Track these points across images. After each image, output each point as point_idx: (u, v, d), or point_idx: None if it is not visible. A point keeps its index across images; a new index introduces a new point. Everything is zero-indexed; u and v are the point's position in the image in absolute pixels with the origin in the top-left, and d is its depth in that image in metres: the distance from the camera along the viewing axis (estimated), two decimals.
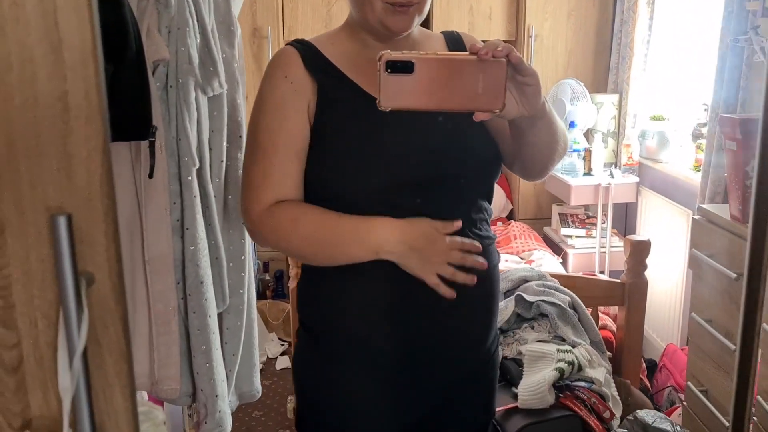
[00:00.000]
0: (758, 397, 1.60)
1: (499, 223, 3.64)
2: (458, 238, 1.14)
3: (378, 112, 1.13)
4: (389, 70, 0.92)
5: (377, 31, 1.18)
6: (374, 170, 1.14)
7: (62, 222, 0.51)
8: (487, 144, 1.22)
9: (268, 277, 3.90)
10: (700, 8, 3.08)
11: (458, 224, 1.14)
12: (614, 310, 2.60)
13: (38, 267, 0.55)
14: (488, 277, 1.22)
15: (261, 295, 3.72)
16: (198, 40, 1.43)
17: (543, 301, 2.06)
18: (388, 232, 1.12)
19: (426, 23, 3.88)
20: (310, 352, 1.27)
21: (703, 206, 1.90)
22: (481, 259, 1.15)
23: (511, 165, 1.27)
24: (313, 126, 1.18)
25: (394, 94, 0.93)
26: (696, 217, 1.95)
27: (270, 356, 3.39)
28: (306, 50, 1.21)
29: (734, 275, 1.65)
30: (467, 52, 0.94)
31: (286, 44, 1.24)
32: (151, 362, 1.43)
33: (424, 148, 1.16)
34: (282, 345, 3.47)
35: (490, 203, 1.27)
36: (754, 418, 1.61)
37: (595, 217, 3.40)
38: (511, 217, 3.92)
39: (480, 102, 0.94)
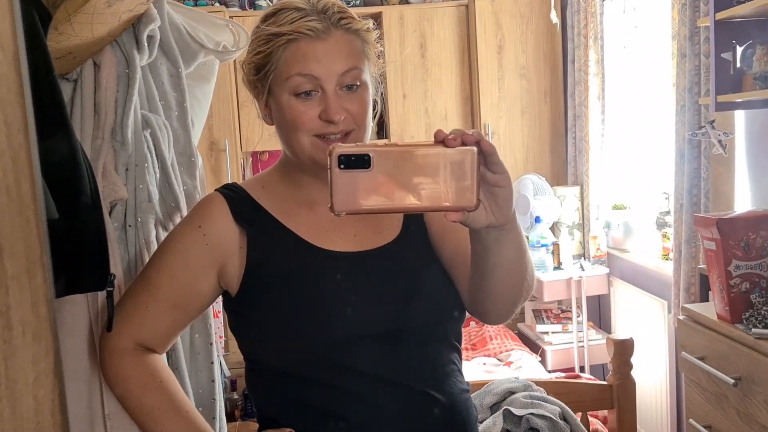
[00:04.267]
0: None
1: (473, 324, 3.56)
2: None
3: (318, 262, 1.05)
4: (342, 166, 0.76)
5: (311, 169, 1.06)
6: (316, 331, 1.01)
7: None
8: (448, 285, 1.08)
9: (236, 396, 3.70)
10: (651, 102, 3.17)
11: None
12: (603, 412, 2.50)
13: None
14: None
15: (229, 416, 3.51)
16: (158, 175, 1.36)
17: (532, 414, 1.96)
18: None
19: (383, 127, 3.94)
20: None
21: (687, 306, 1.86)
22: None
23: (471, 305, 1.07)
24: (243, 283, 1.07)
25: (349, 195, 0.77)
26: (681, 317, 1.90)
27: None
28: (235, 198, 1.10)
29: (732, 380, 1.59)
30: (431, 141, 0.79)
31: (216, 190, 1.14)
32: None
33: (372, 301, 1.04)
34: None
35: (460, 344, 1.14)
36: None
37: (570, 311, 3.35)
38: None
39: (450, 199, 0.78)
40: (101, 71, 1.29)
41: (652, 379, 2.94)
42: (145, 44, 1.31)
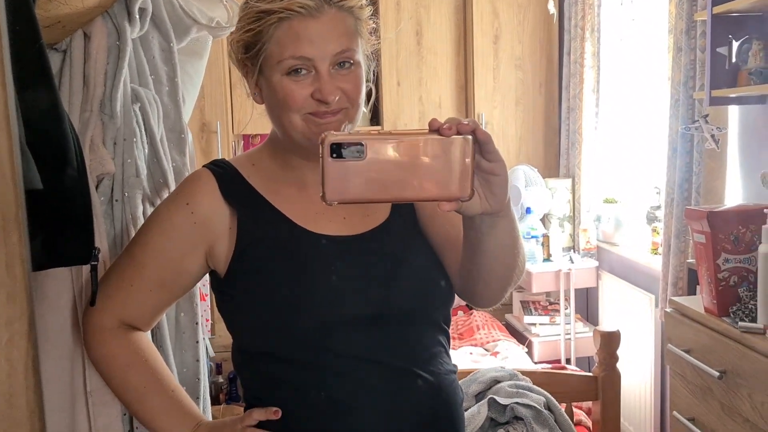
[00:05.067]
0: None
1: (461, 313, 3.56)
2: None
3: (307, 245, 1.04)
4: (334, 155, 0.75)
5: (302, 148, 1.04)
6: (303, 313, 1.00)
7: None
8: (436, 268, 1.08)
9: (221, 380, 3.69)
10: (646, 96, 3.16)
11: (278, 414, 1.04)
12: (587, 403, 2.51)
13: None
14: (451, 418, 1.08)
15: (214, 400, 3.50)
16: (146, 151, 1.34)
17: (517, 403, 1.96)
18: None
19: (376, 114, 3.91)
20: None
21: (675, 299, 1.86)
22: None
23: (462, 288, 1.07)
24: (232, 263, 1.06)
25: (342, 185, 0.76)
26: (668, 310, 1.90)
27: None
28: (224, 175, 1.08)
29: (717, 373, 1.59)
30: (426, 129, 0.78)
31: (204, 166, 1.12)
32: None
33: (361, 284, 1.03)
34: None
35: (448, 327, 1.13)
36: None
37: (558, 303, 3.36)
38: None
39: (445, 189, 0.77)
40: (91, 42, 1.26)
41: (638, 372, 2.96)
42: (137, 16, 1.29)
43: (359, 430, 1.02)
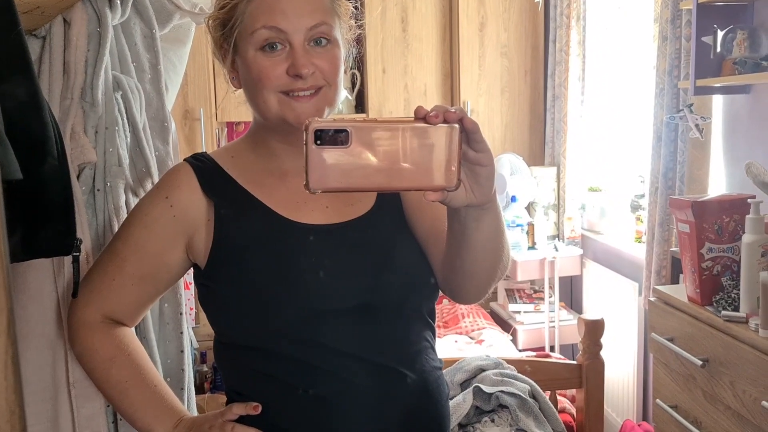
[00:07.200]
0: None
1: (445, 301, 3.57)
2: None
3: (288, 235, 1.03)
4: (318, 142, 0.73)
5: (281, 130, 1.03)
6: (284, 305, 0.99)
7: None
8: (421, 260, 1.06)
9: (205, 368, 3.68)
10: (631, 84, 3.17)
11: (258, 409, 1.03)
12: (571, 390, 2.53)
13: None
14: (436, 415, 1.07)
15: (198, 389, 3.49)
16: (129, 139, 1.32)
17: (502, 391, 1.97)
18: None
19: (361, 101, 3.89)
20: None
21: (659, 288, 1.87)
22: None
23: (445, 282, 1.05)
24: (211, 256, 1.05)
25: (325, 173, 0.73)
26: (652, 299, 1.92)
27: None
28: (204, 168, 1.08)
29: (700, 362, 1.60)
30: (412, 117, 0.76)
31: (184, 159, 1.11)
32: None
33: (343, 274, 1.01)
34: None
35: (433, 321, 1.12)
36: None
37: (542, 291, 3.38)
38: None
39: (430, 178, 0.75)
40: (71, 29, 1.24)
41: (621, 360, 2.98)
42: (118, 2, 1.26)
43: (340, 425, 1.01)
